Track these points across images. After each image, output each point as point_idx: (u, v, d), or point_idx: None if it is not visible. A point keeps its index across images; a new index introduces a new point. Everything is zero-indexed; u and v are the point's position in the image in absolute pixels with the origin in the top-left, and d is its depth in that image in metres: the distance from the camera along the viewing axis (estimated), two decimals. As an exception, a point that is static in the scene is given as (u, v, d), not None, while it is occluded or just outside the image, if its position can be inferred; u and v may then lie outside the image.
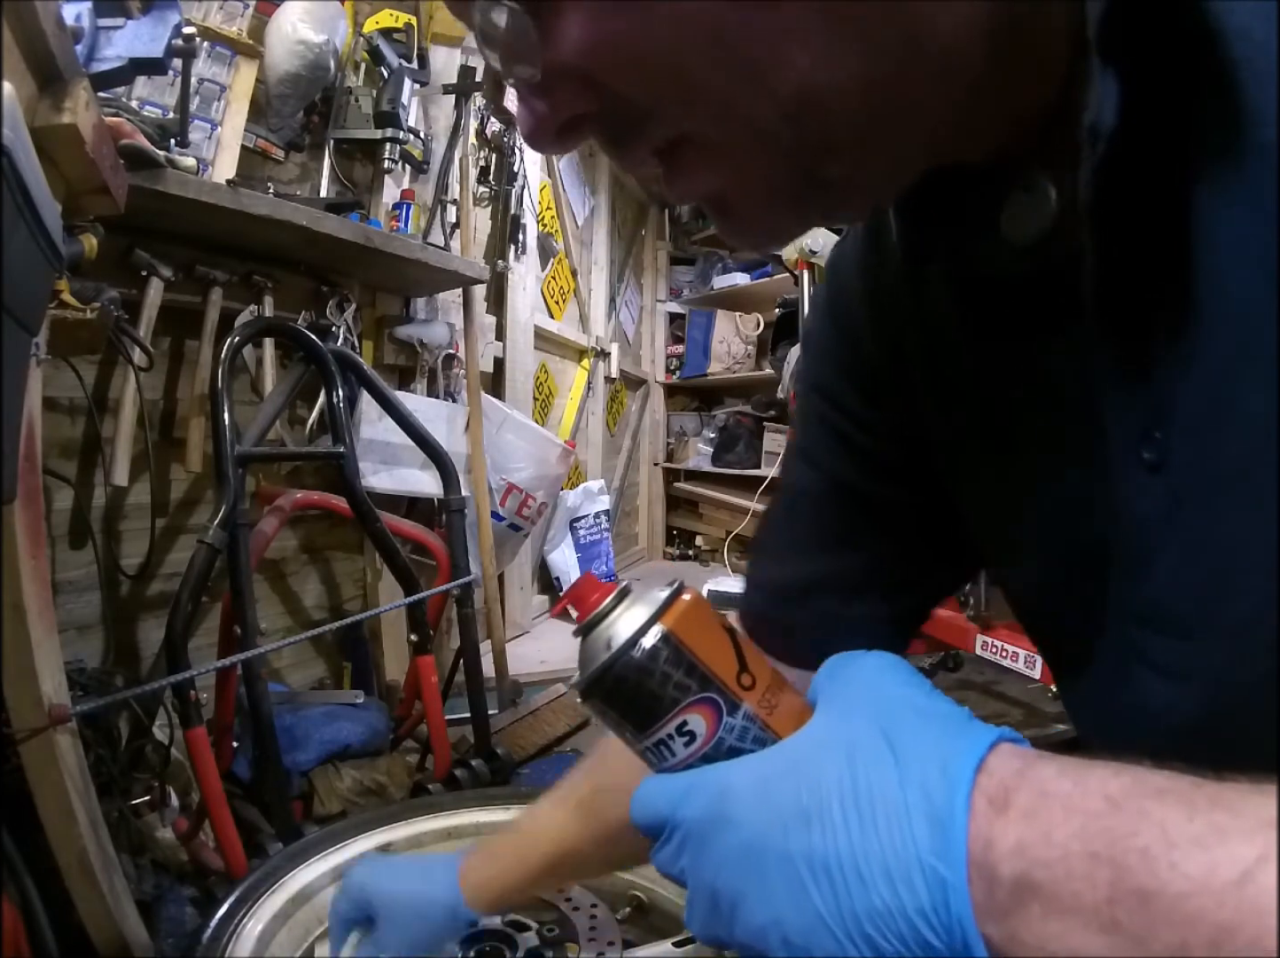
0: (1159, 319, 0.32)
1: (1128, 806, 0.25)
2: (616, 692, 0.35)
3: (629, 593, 0.37)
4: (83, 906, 0.79)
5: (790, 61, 0.29)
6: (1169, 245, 0.30)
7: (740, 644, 0.36)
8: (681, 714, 0.34)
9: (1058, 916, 0.25)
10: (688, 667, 0.34)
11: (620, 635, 0.35)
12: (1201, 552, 0.33)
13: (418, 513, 2.02)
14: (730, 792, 0.32)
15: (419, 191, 2.10)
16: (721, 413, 4.56)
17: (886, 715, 0.31)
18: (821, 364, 0.54)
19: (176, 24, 1.24)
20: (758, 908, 0.30)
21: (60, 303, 0.85)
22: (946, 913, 0.26)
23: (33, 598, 0.74)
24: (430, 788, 1.47)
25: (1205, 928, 0.22)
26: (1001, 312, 0.40)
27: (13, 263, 0.54)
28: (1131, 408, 0.34)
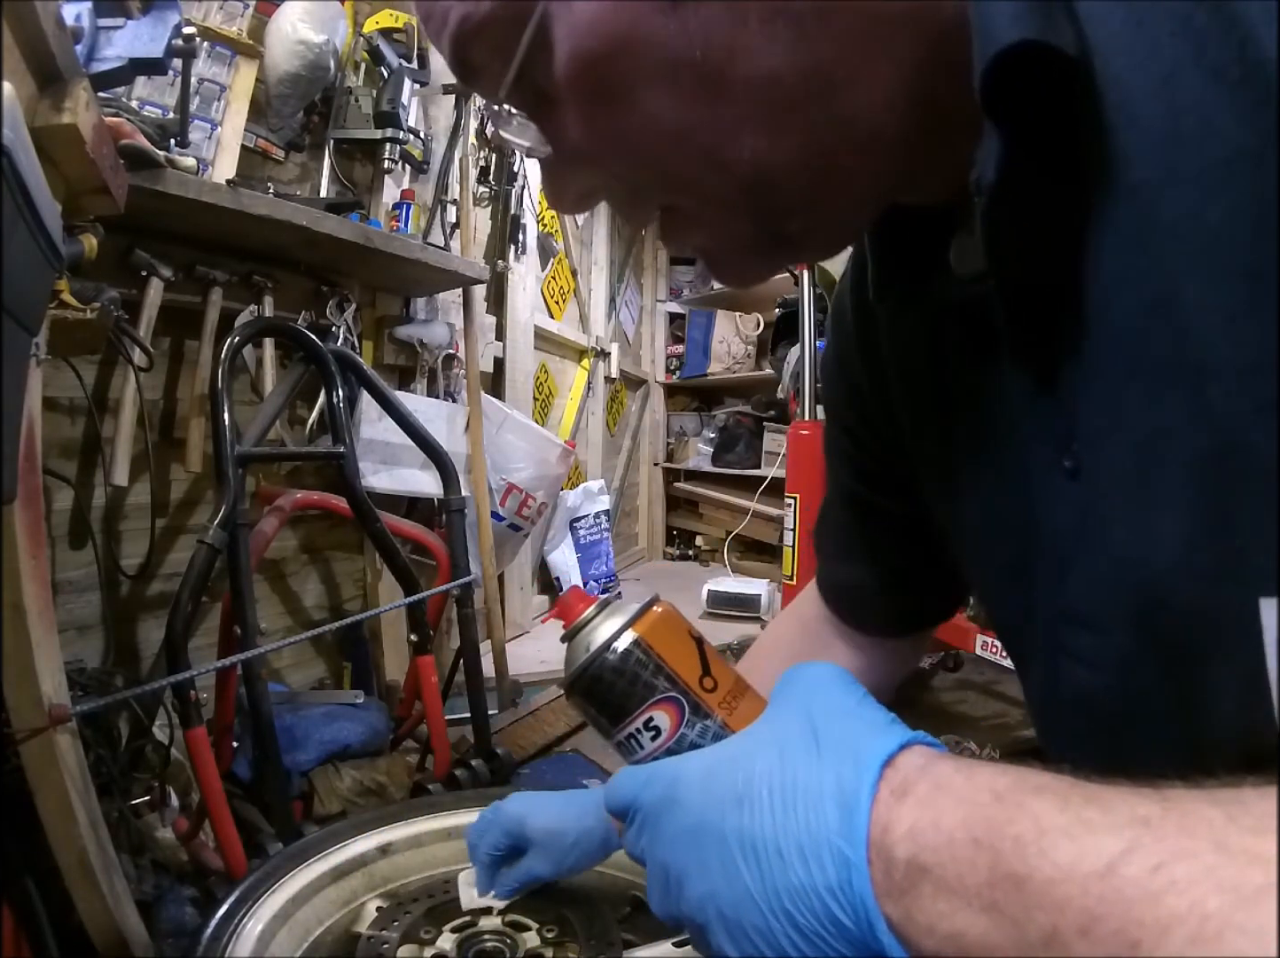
0: (1060, 342, 0.36)
1: (1009, 798, 0.27)
2: (594, 689, 0.41)
3: (609, 604, 0.43)
4: (83, 906, 0.79)
5: (743, 145, 0.34)
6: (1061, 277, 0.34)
7: (706, 652, 0.41)
8: (649, 711, 0.39)
9: (945, 896, 0.27)
10: (655, 668, 0.40)
11: (598, 640, 0.41)
12: (1105, 551, 0.37)
13: (418, 513, 2.02)
14: (680, 779, 0.36)
15: (419, 191, 2.10)
16: (721, 413, 4.56)
17: (818, 716, 0.34)
18: (828, 383, 0.63)
19: (176, 24, 1.24)
20: (698, 882, 0.34)
21: (60, 303, 0.85)
22: (850, 891, 0.29)
23: (33, 598, 0.74)
24: (430, 788, 1.47)
25: (1073, 914, 0.24)
26: (950, 339, 0.45)
27: (13, 263, 0.54)
28: (1049, 421, 0.38)
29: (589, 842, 0.60)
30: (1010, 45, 0.30)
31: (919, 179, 0.39)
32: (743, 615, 3.13)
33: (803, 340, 1.72)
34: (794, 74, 0.33)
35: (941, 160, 0.38)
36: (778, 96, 0.33)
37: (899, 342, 0.50)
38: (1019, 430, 0.40)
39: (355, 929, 0.66)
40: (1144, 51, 0.30)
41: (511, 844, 0.60)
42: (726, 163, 0.35)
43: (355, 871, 0.71)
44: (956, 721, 2.09)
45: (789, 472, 1.70)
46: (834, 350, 0.61)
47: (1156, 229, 0.30)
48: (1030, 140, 0.32)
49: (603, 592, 3.27)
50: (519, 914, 0.65)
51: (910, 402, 0.51)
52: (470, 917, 0.64)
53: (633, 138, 0.36)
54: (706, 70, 0.33)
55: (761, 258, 0.41)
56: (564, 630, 0.43)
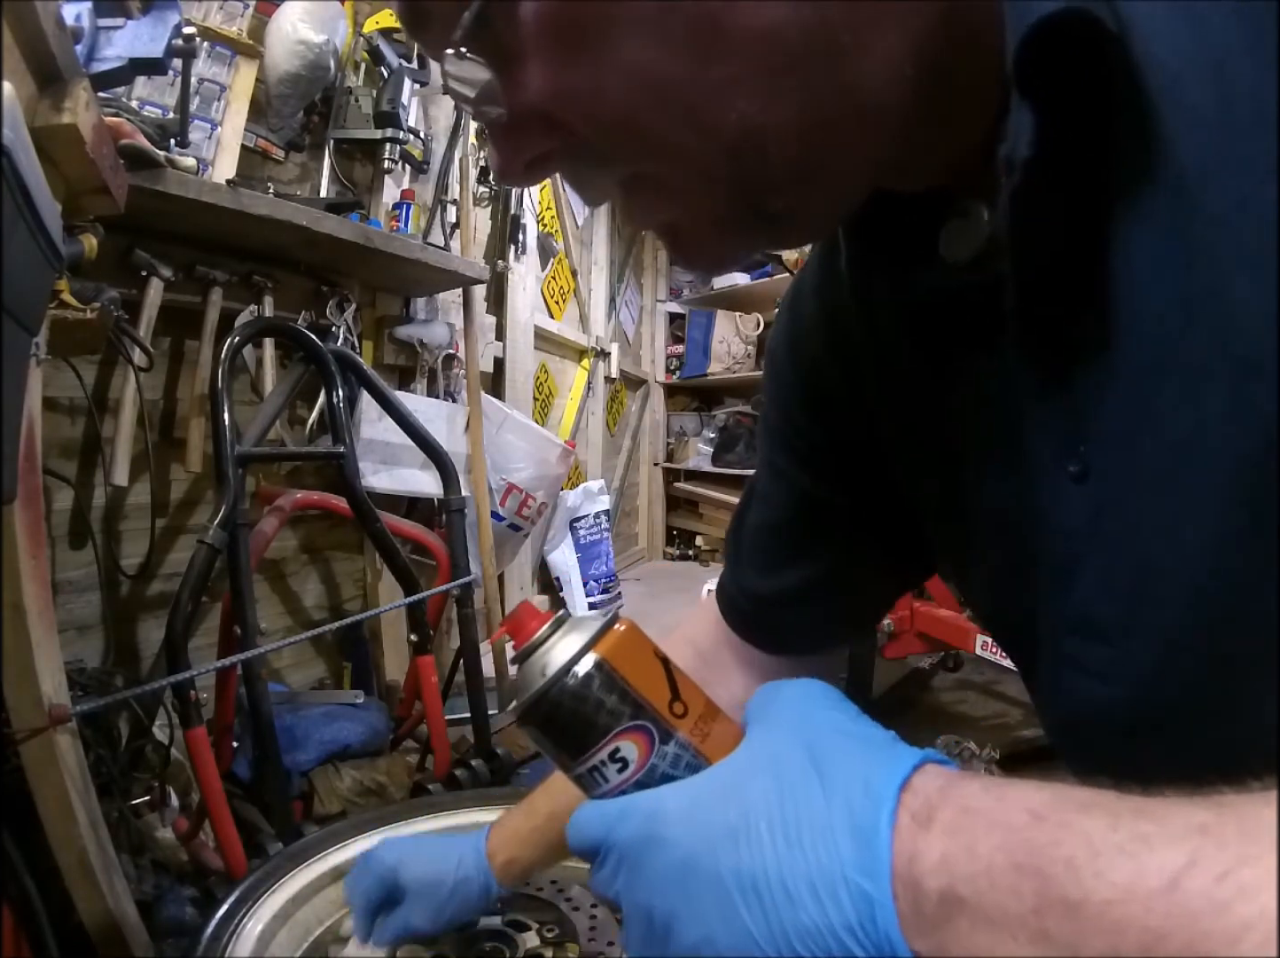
0: (1078, 336, 0.33)
1: (1051, 818, 0.25)
2: (551, 718, 0.36)
3: (565, 621, 0.38)
4: (83, 906, 0.79)
5: (732, 107, 0.31)
6: (1085, 267, 0.32)
7: (673, 673, 0.37)
8: (615, 741, 0.35)
9: (985, 928, 0.25)
10: (620, 694, 0.35)
11: (555, 663, 0.36)
12: (1123, 559, 0.34)
13: (418, 513, 2.02)
14: (662, 814, 0.32)
15: (419, 191, 2.10)
16: (721, 413, 4.56)
17: (812, 738, 0.31)
18: (779, 387, 0.58)
19: (176, 24, 1.23)
20: (690, 927, 0.30)
21: (60, 303, 0.85)
22: (874, 928, 0.27)
23: (33, 598, 0.74)
24: (430, 788, 1.47)
25: (1135, 934, 0.22)
26: (941, 329, 0.42)
27: (13, 263, 0.54)
28: (1055, 421, 0.36)
29: (467, 891, 0.57)
30: (1052, 14, 0.28)
31: (910, 162, 0.37)
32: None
33: (803, 340, 1.72)
34: (797, 31, 0.30)
35: (936, 142, 0.35)
36: (777, 54, 0.30)
37: (877, 332, 0.47)
38: (1021, 428, 0.38)
39: (355, 929, 0.66)
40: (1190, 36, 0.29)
41: (386, 894, 0.58)
42: (713, 125, 0.31)
43: (355, 871, 0.71)
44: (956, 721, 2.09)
45: (789, 472, 1.70)
46: (786, 339, 0.56)
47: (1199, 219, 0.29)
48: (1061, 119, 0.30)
49: (603, 592, 3.27)
50: (519, 914, 0.65)
51: (892, 395, 0.48)
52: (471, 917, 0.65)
53: (608, 92, 0.31)
54: (699, 17, 0.30)
55: (737, 238, 0.37)
56: (515, 652, 0.39)
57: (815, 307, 0.52)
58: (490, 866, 0.59)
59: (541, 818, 0.60)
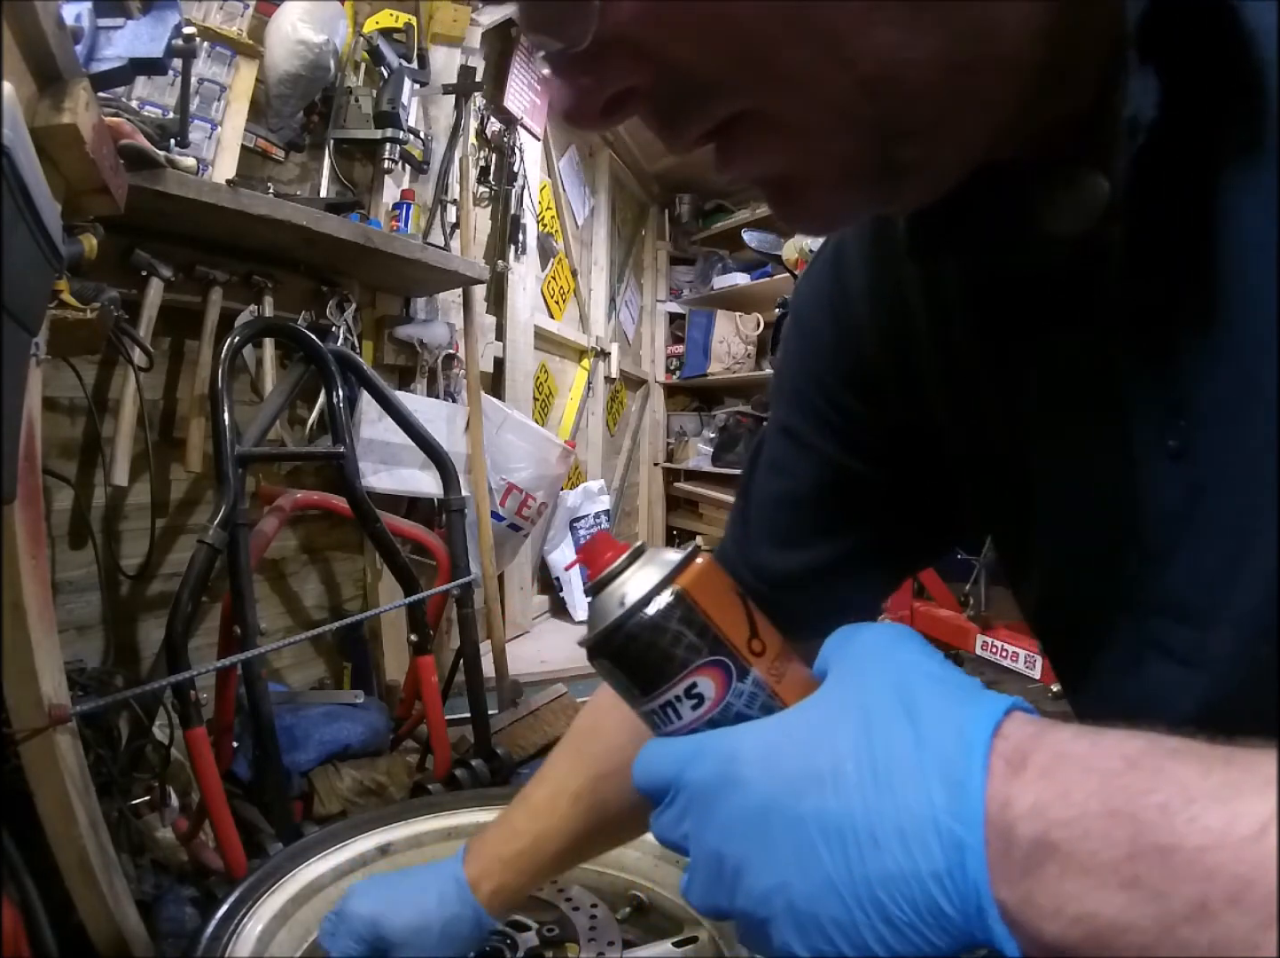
0: (1183, 309, 0.32)
1: (1145, 764, 0.25)
2: (626, 650, 0.35)
3: (643, 552, 0.37)
4: (83, 906, 0.79)
5: (874, 36, 0.28)
6: (1194, 238, 0.31)
7: (752, 611, 0.36)
8: (691, 676, 0.34)
9: (1076, 875, 0.25)
10: (700, 628, 0.34)
11: (633, 593, 0.35)
12: (1219, 539, 0.33)
13: (418, 513, 2.02)
14: (739, 754, 0.31)
15: (419, 191, 2.10)
16: (721, 413, 4.56)
17: (902, 681, 0.30)
18: (811, 353, 0.54)
19: (176, 24, 1.24)
20: (764, 874, 0.30)
21: (60, 303, 0.85)
22: (962, 876, 0.26)
23: (33, 598, 0.74)
24: (430, 788, 1.47)
25: (1224, 881, 0.22)
26: (1022, 304, 0.39)
27: (13, 263, 0.54)
28: (1155, 397, 0.34)
29: (458, 929, 0.55)
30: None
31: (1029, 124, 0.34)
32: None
33: (803, 340, 1.72)
34: None
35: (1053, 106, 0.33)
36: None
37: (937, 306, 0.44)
38: (1115, 404, 0.36)
39: (355, 929, 0.66)
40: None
41: (368, 951, 0.54)
42: (851, 57, 0.28)
43: (355, 871, 0.71)
44: (956, 720, 2.08)
45: (789, 472, 1.70)
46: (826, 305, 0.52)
47: None
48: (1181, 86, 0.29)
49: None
50: (519, 914, 0.65)
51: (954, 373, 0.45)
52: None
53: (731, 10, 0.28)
54: None
55: (858, 191, 0.33)
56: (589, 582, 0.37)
57: (865, 278, 0.49)
58: (475, 897, 0.56)
59: (527, 841, 0.57)
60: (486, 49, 2.48)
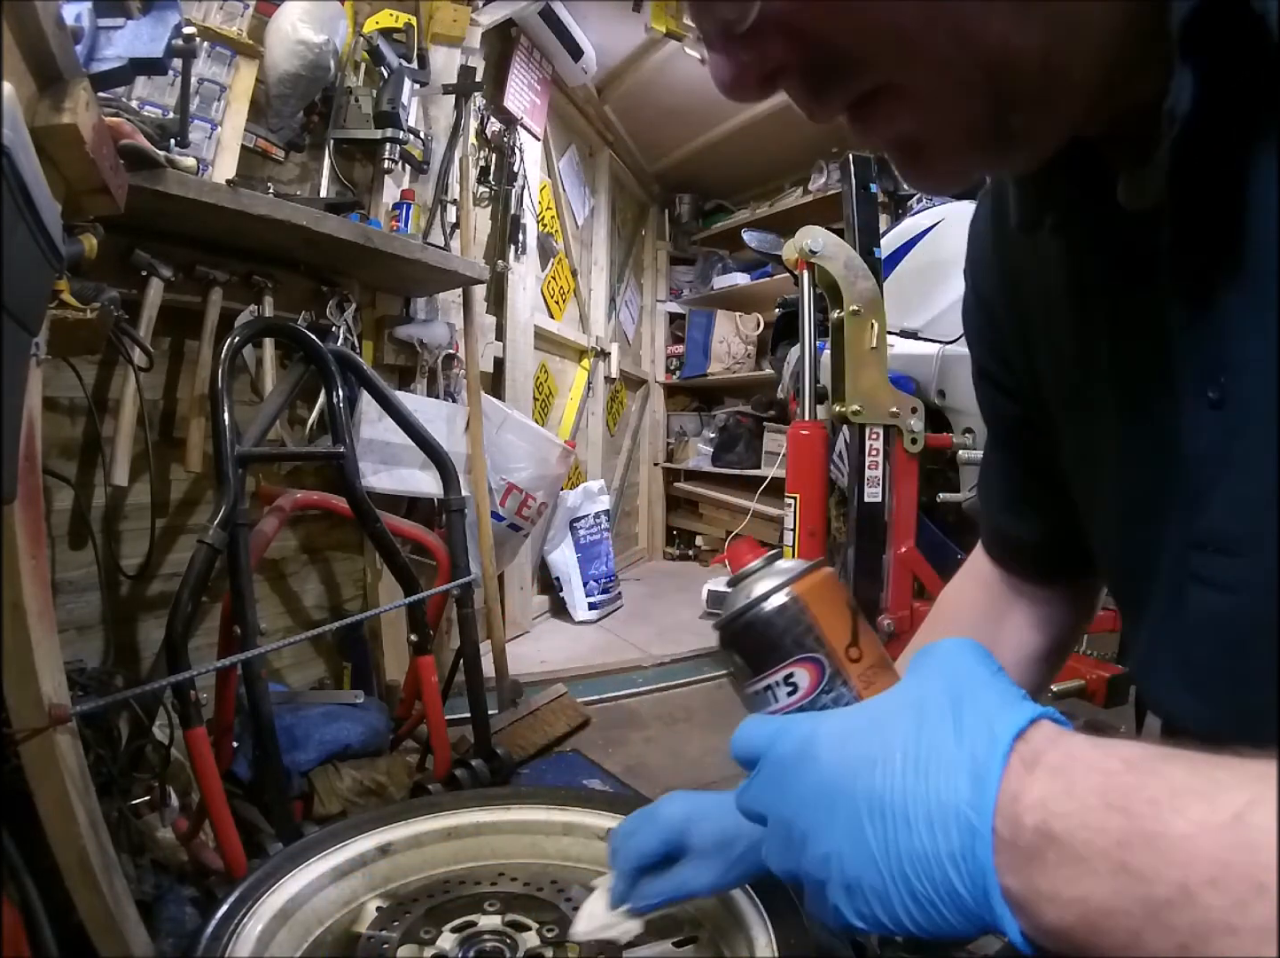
0: (1224, 271, 0.37)
1: (1142, 766, 0.28)
2: (744, 636, 0.42)
3: (776, 558, 0.44)
4: (83, 906, 0.79)
5: (991, 26, 0.34)
6: (1231, 210, 0.36)
7: (858, 623, 0.42)
8: (791, 667, 0.40)
9: (1071, 861, 0.28)
10: (805, 627, 0.40)
11: (758, 590, 0.42)
12: (1254, 478, 0.37)
13: (418, 513, 2.02)
14: (816, 736, 0.36)
15: (419, 191, 2.10)
16: (721, 413, 4.56)
17: (955, 685, 0.35)
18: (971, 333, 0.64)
19: (176, 24, 1.24)
20: (822, 841, 0.34)
21: (60, 303, 0.85)
22: (973, 859, 0.30)
23: (33, 598, 0.74)
24: (430, 788, 1.47)
25: (1203, 865, 0.25)
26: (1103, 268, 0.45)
27: (13, 263, 0.54)
28: (1199, 350, 0.39)
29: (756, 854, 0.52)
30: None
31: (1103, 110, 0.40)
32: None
33: (803, 340, 1.72)
34: None
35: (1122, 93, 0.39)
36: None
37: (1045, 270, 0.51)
38: (1167, 360, 0.41)
39: (355, 929, 0.66)
40: None
41: (665, 852, 0.53)
42: (974, 40, 0.34)
43: (355, 871, 0.71)
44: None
45: (789, 472, 1.70)
46: (974, 294, 0.62)
47: None
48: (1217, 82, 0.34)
49: (603, 592, 3.27)
50: (519, 914, 0.65)
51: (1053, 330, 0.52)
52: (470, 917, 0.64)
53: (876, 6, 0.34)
54: None
55: (976, 151, 0.39)
56: (730, 576, 0.44)
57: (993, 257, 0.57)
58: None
59: None
60: (486, 49, 2.49)
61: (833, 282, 1.62)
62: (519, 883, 0.71)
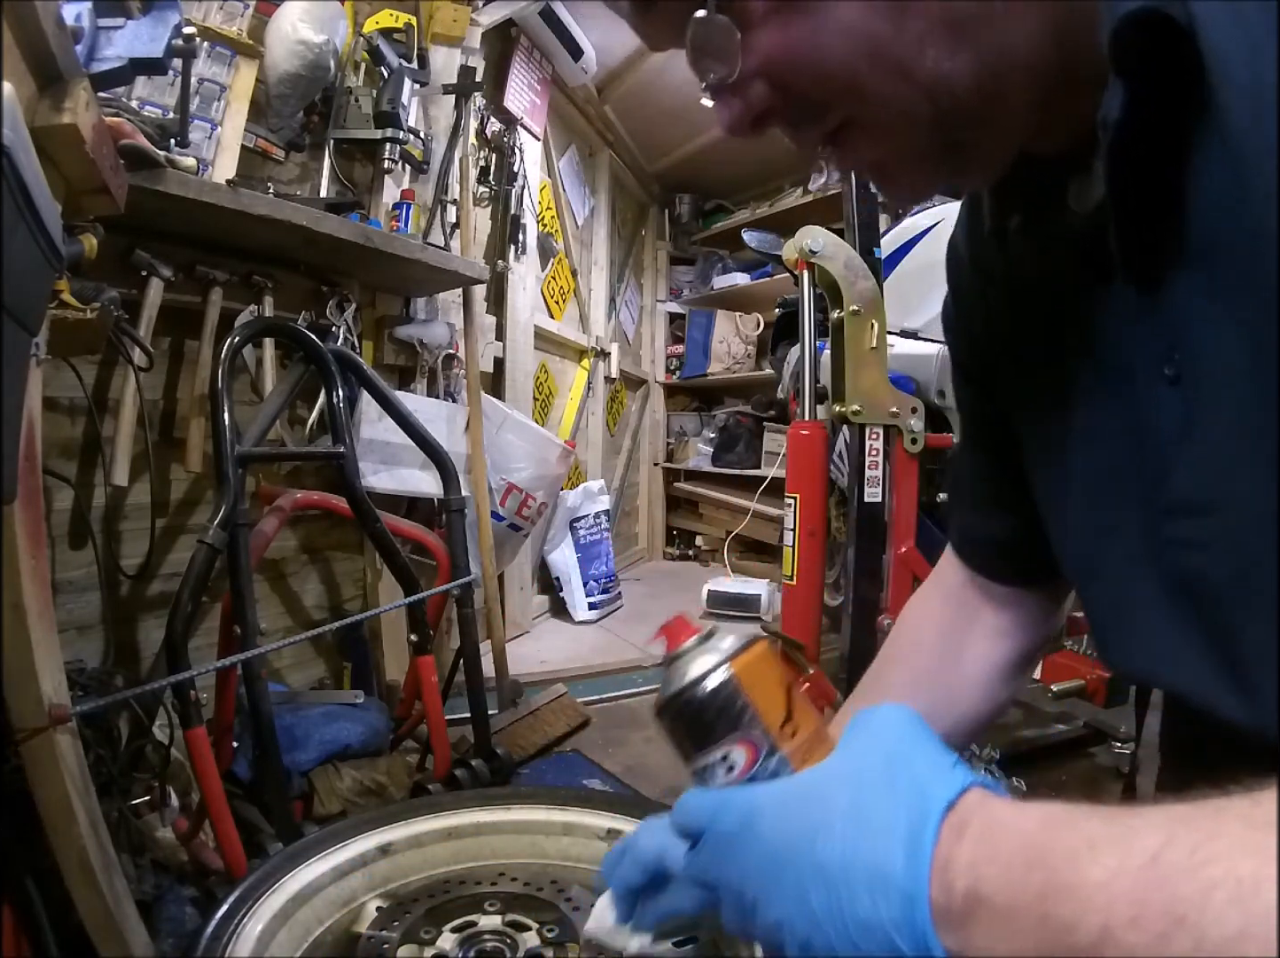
0: (1169, 258, 0.40)
1: (1060, 820, 0.31)
2: (681, 716, 0.43)
3: (711, 636, 0.44)
4: (83, 906, 0.79)
5: (925, 57, 0.39)
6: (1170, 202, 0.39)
7: (793, 697, 0.43)
8: (728, 747, 0.41)
9: (1000, 920, 0.30)
10: (740, 708, 0.41)
11: (694, 671, 0.42)
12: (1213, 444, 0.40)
13: (418, 513, 2.02)
14: (756, 811, 0.38)
15: (419, 191, 2.10)
16: (721, 413, 4.56)
17: (890, 757, 0.37)
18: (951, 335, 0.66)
19: (176, 24, 1.23)
20: (772, 908, 0.36)
21: (60, 303, 0.85)
22: (914, 926, 0.32)
23: (33, 598, 0.74)
24: (430, 788, 1.47)
25: (1122, 907, 0.26)
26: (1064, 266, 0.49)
27: (13, 263, 0.54)
28: (1154, 335, 0.42)
29: None
30: (1132, 11, 0.36)
31: (1050, 124, 0.44)
32: (742, 615, 3.13)
33: (803, 340, 1.72)
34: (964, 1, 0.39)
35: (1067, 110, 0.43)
36: (951, 16, 0.39)
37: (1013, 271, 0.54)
38: (1126, 345, 0.45)
39: (355, 929, 0.66)
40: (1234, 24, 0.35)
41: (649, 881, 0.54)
42: (913, 72, 0.39)
43: (355, 871, 0.71)
44: (956, 721, 2.09)
45: (789, 472, 1.70)
46: (953, 298, 0.65)
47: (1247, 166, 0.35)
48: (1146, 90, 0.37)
49: (603, 592, 3.27)
50: (519, 914, 0.65)
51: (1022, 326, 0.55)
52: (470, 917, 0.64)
53: (829, 49, 0.40)
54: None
55: (931, 168, 0.44)
56: (665, 654, 0.45)
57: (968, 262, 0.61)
58: None
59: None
60: (486, 49, 2.48)
61: (833, 282, 1.62)
62: (519, 883, 0.71)
